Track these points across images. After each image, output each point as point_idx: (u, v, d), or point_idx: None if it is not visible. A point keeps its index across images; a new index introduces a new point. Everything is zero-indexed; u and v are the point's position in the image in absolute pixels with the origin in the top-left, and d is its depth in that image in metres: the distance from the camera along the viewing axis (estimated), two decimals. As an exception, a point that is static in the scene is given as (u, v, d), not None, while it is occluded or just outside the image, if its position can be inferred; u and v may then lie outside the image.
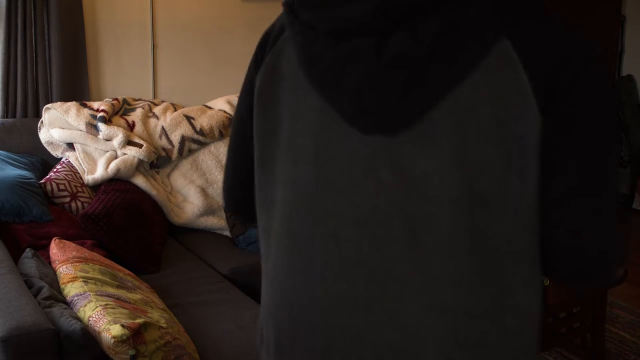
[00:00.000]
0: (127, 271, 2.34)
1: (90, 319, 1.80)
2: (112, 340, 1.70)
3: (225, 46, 3.61)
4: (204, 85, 3.58)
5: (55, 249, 2.23)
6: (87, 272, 2.09)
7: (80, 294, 1.93)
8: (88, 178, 2.91)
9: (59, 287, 2.09)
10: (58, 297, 1.98)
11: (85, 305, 1.87)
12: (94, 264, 2.17)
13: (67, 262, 2.13)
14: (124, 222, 2.67)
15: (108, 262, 2.30)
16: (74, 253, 2.21)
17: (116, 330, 1.71)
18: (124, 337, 1.70)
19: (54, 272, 2.18)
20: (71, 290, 1.98)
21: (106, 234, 2.56)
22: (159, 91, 3.49)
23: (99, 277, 2.09)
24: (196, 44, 3.54)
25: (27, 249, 2.25)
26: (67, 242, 2.30)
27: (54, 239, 2.30)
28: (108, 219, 2.63)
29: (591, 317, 2.70)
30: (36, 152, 3.02)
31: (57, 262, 2.16)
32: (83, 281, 2.00)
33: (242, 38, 3.63)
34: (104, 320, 1.77)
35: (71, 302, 1.93)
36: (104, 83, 3.36)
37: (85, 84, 3.22)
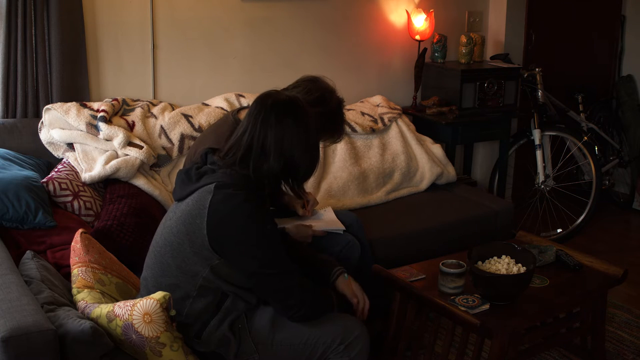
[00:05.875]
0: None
1: (116, 306, 1.87)
2: (155, 303, 1.80)
3: (225, 46, 3.61)
4: (204, 85, 3.58)
5: (80, 244, 2.17)
6: (104, 285, 2.11)
7: (95, 305, 1.96)
8: (85, 176, 2.88)
9: (69, 287, 2.11)
10: (60, 300, 1.98)
11: (100, 306, 1.93)
12: (112, 275, 2.18)
13: (85, 265, 2.12)
14: (137, 238, 2.61)
15: (124, 272, 2.28)
16: (96, 256, 2.18)
17: (159, 295, 1.83)
18: (166, 297, 1.82)
19: (59, 272, 2.19)
20: (87, 297, 2.01)
21: (120, 253, 2.44)
22: (159, 91, 3.49)
23: (115, 294, 2.12)
24: (196, 44, 3.54)
25: (28, 251, 2.24)
26: (93, 240, 2.24)
27: (80, 232, 2.21)
28: (121, 230, 2.58)
29: (591, 317, 2.70)
30: (37, 153, 3.02)
31: (77, 258, 2.14)
32: (100, 292, 2.05)
33: (242, 38, 3.63)
34: (132, 302, 1.85)
35: (85, 306, 1.96)
36: (104, 83, 3.35)
37: (85, 84, 3.22)
